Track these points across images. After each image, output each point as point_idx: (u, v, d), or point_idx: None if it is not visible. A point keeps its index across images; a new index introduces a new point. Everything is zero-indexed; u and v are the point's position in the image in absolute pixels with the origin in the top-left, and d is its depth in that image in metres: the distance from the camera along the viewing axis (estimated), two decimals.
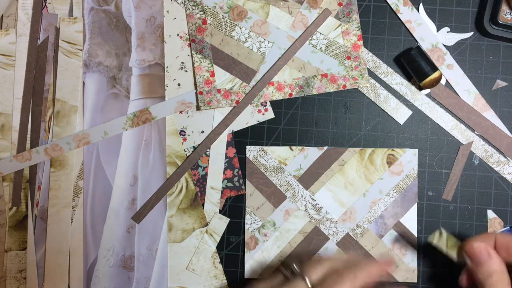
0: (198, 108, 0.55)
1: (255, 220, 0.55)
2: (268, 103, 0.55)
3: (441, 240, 0.52)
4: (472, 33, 0.55)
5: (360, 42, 0.55)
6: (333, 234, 0.54)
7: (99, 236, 0.55)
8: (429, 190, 0.54)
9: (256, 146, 0.55)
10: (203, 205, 0.55)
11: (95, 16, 0.57)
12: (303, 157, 0.55)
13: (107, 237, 0.55)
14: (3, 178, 0.56)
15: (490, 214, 0.54)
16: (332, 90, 0.55)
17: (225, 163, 0.55)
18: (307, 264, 0.45)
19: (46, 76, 0.57)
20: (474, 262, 0.45)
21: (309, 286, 0.43)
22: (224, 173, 0.55)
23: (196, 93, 0.55)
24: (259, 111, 0.55)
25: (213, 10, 0.56)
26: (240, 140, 0.55)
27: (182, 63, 0.56)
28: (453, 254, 0.51)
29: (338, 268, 0.44)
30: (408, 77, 0.55)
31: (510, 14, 0.53)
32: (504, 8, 0.53)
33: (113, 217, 0.55)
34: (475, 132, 0.54)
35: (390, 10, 0.56)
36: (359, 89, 0.55)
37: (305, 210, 0.54)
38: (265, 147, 0.55)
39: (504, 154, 0.54)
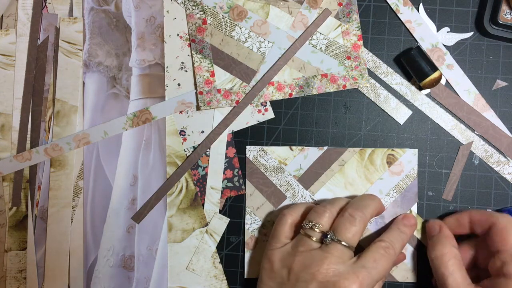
0: (198, 108, 0.55)
1: (255, 220, 0.55)
2: (268, 103, 0.55)
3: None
4: (472, 33, 0.55)
5: (360, 42, 0.55)
6: None
7: (99, 236, 0.55)
8: (429, 190, 0.54)
9: (256, 146, 0.55)
10: (203, 205, 0.55)
11: (95, 16, 0.57)
12: (303, 157, 0.55)
13: (107, 237, 0.55)
14: (3, 178, 0.56)
15: None
16: (332, 90, 0.55)
17: (225, 163, 0.55)
18: (321, 215, 0.48)
19: (46, 76, 0.57)
20: (428, 236, 0.50)
21: (347, 245, 0.46)
22: (224, 173, 0.55)
23: (196, 93, 0.55)
24: (259, 111, 0.55)
25: (213, 10, 0.56)
26: (240, 140, 0.55)
27: (182, 63, 0.56)
28: (422, 236, 0.53)
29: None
30: (408, 77, 0.55)
31: (510, 14, 0.53)
32: (504, 8, 0.53)
33: (113, 217, 0.55)
34: (475, 132, 0.54)
35: (390, 10, 0.56)
36: (359, 89, 0.55)
37: None
38: (265, 147, 0.55)
39: (504, 154, 0.54)
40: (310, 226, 0.47)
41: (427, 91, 0.55)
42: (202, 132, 0.55)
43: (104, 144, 0.56)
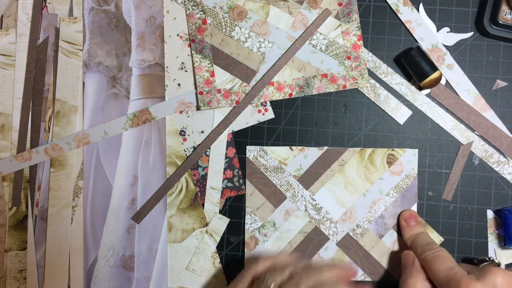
0: (198, 108, 0.55)
1: (255, 220, 0.55)
2: (268, 103, 0.55)
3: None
4: (472, 33, 0.55)
5: (360, 42, 0.55)
6: (333, 234, 0.54)
7: (99, 236, 0.55)
8: (429, 190, 0.54)
9: (256, 146, 0.55)
10: (203, 205, 0.55)
11: (95, 16, 0.57)
12: (303, 157, 0.55)
13: (107, 237, 0.55)
14: (3, 178, 0.56)
15: (490, 214, 0.54)
16: (332, 90, 0.55)
17: (225, 163, 0.55)
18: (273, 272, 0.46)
19: (46, 76, 0.57)
20: (402, 266, 0.50)
21: None
22: (224, 173, 0.55)
23: (196, 93, 0.55)
24: (259, 111, 0.55)
25: (213, 10, 0.56)
26: (240, 140, 0.55)
27: (182, 63, 0.56)
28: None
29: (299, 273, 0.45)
30: (408, 77, 0.55)
31: (510, 14, 0.53)
32: (504, 8, 0.53)
33: (113, 217, 0.55)
34: (475, 132, 0.54)
35: (390, 10, 0.56)
36: (359, 89, 0.55)
37: (305, 210, 0.54)
38: (265, 147, 0.55)
39: (504, 154, 0.54)
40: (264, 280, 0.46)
41: (427, 91, 0.55)
42: (202, 132, 0.55)
43: (104, 144, 0.56)
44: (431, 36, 0.55)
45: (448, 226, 0.54)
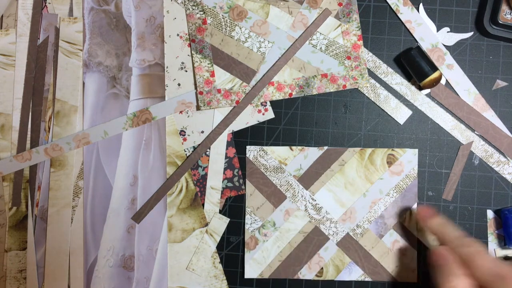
0: (198, 108, 0.55)
1: (255, 220, 0.55)
2: (268, 103, 0.55)
3: (411, 223, 0.53)
4: (472, 33, 0.55)
5: (360, 42, 0.55)
6: (333, 234, 0.54)
7: (99, 236, 0.55)
8: (429, 190, 0.54)
9: (256, 146, 0.55)
10: (203, 205, 0.55)
11: (95, 16, 0.57)
12: (303, 157, 0.55)
13: (107, 237, 0.55)
14: (3, 178, 0.56)
15: (490, 214, 0.54)
16: (332, 90, 0.55)
17: (225, 163, 0.55)
18: None
19: (46, 76, 0.57)
20: (436, 264, 0.47)
21: None
22: (224, 173, 0.55)
23: (196, 93, 0.55)
24: (259, 111, 0.55)
25: (213, 10, 0.56)
26: (240, 140, 0.55)
27: (182, 63, 0.56)
28: (422, 236, 0.53)
29: None
30: (408, 77, 0.55)
31: (510, 14, 0.53)
32: (504, 8, 0.53)
33: (113, 217, 0.55)
34: (475, 132, 0.54)
35: (390, 10, 0.56)
36: (359, 89, 0.55)
37: (305, 210, 0.54)
38: (265, 147, 0.55)
39: (504, 154, 0.54)
40: None
41: (427, 91, 0.55)
42: (202, 132, 0.55)
43: (104, 144, 0.56)
44: (431, 36, 0.55)
45: None
